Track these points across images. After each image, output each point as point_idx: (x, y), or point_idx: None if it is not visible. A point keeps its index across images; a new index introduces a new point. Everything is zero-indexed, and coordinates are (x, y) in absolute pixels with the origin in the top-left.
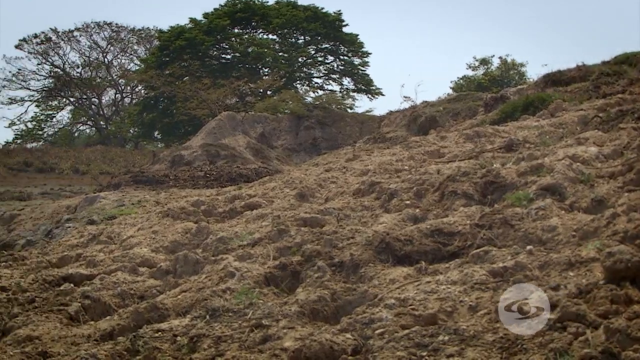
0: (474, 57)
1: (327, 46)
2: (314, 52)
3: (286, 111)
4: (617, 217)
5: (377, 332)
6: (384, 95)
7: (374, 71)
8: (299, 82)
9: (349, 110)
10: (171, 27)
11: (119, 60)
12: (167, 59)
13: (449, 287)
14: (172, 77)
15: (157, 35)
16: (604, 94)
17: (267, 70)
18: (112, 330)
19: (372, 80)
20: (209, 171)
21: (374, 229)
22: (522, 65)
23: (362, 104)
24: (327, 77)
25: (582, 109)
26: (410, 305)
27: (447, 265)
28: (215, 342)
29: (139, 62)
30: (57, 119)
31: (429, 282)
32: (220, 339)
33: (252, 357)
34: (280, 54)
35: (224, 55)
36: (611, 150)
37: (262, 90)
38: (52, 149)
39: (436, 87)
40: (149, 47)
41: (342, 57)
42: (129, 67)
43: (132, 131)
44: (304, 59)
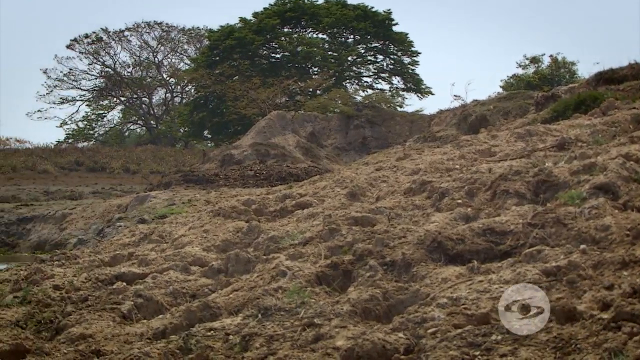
0: (524, 56)
1: (376, 45)
2: (363, 51)
3: (336, 110)
4: None
5: (429, 331)
6: (433, 94)
7: (424, 70)
8: (348, 81)
9: (399, 109)
10: (221, 26)
11: (169, 59)
12: (217, 58)
13: (502, 287)
14: (222, 76)
15: (207, 34)
16: None
17: (316, 69)
18: (165, 329)
19: (421, 79)
20: (259, 170)
21: (425, 228)
22: (572, 63)
23: (412, 103)
24: (376, 76)
25: (635, 108)
26: (462, 304)
27: (499, 264)
28: (267, 341)
29: (189, 62)
30: (108, 118)
31: (481, 281)
32: (272, 338)
33: (304, 356)
34: (329, 53)
35: (273, 54)
36: None
37: (311, 89)
38: (103, 149)
39: (486, 86)
40: (199, 46)
41: (391, 56)
42: (179, 66)
43: (182, 130)
44: (354, 58)
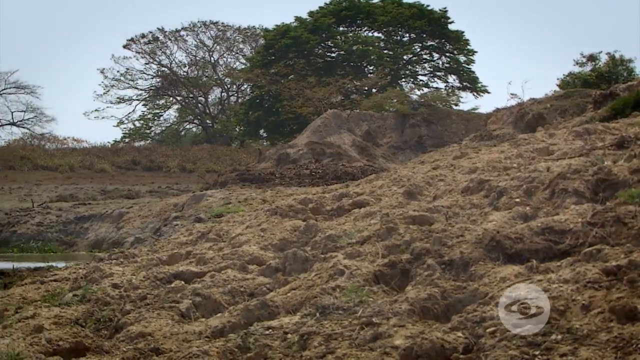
0: (581, 54)
1: (432, 43)
2: (419, 49)
3: (391, 109)
4: None
5: (488, 330)
6: (489, 92)
7: (480, 68)
8: (404, 79)
9: (454, 107)
10: (277, 25)
11: (225, 59)
12: (273, 57)
13: (561, 286)
14: (278, 75)
15: (262, 34)
16: None
17: (372, 68)
18: (223, 327)
19: (477, 77)
20: (315, 169)
21: (483, 227)
22: (630, 61)
23: (468, 102)
24: (432, 75)
25: None
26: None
27: (558, 263)
28: (325, 340)
29: (245, 61)
30: (164, 117)
31: (540, 280)
32: (330, 337)
33: (362, 355)
34: (385, 51)
35: (329, 53)
36: None
37: (367, 88)
38: (160, 148)
39: (543, 84)
40: (254, 45)
41: (447, 54)
42: (235, 65)
43: (238, 129)
44: (409, 56)
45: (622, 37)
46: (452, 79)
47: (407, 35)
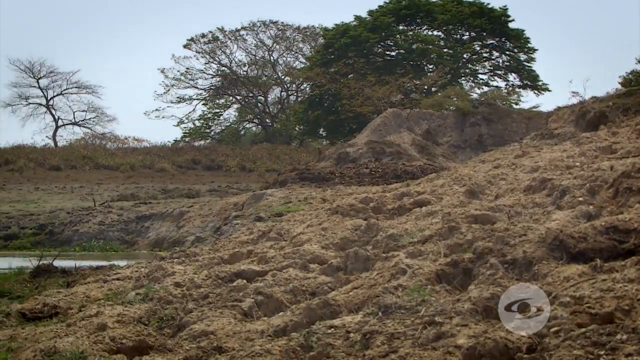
0: None
1: (492, 42)
2: (479, 48)
3: (451, 108)
4: None
5: (552, 330)
6: (550, 90)
7: (540, 66)
8: (463, 78)
9: (515, 106)
10: (336, 24)
11: (285, 58)
12: (332, 56)
13: (626, 286)
14: (337, 74)
15: (322, 33)
16: None
17: (431, 66)
18: (285, 326)
19: (538, 75)
20: (374, 168)
21: (546, 226)
22: None
23: (528, 100)
24: (492, 73)
25: None
26: (585, 303)
27: (623, 263)
28: (388, 339)
29: (304, 60)
30: (224, 117)
31: (604, 280)
32: (393, 336)
33: (425, 355)
34: (445, 50)
35: (388, 52)
36: None
37: (426, 87)
38: (219, 147)
39: (604, 83)
40: (314, 45)
41: (507, 52)
42: (295, 65)
43: (297, 129)
44: (469, 55)
45: None
46: (512, 77)
47: (467, 33)
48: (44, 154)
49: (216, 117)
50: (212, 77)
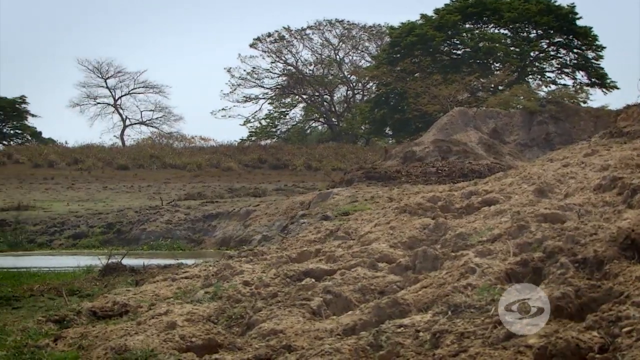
0: None
1: (559, 40)
2: (546, 46)
3: (518, 106)
4: None
5: (624, 330)
6: (619, 88)
7: (609, 64)
8: (530, 76)
9: (583, 104)
10: (402, 23)
11: (351, 57)
12: (398, 55)
13: None
14: (403, 73)
15: (388, 31)
16: None
17: (498, 65)
18: (354, 325)
19: (606, 73)
20: (441, 167)
21: (617, 225)
22: None
23: (597, 98)
24: (559, 71)
25: None
26: None
27: None
28: (458, 339)
29: (370, 59)
30: (290, 116)
31: None
32: (463, 335)
33: (496, 354)
34: (511, 48)
35: (455, 50)
36: None
37: (493, 85)
38: (286, 146)
39: None
40: (380, 43)
41: (575, 50)
42: (360, 63)
43: (363, 128)
44: (536, 53)
45: None
46: (580, 75)
47: (534, 31)
48: (111, 153)
49: (282, 116)
50: (278, 77)
